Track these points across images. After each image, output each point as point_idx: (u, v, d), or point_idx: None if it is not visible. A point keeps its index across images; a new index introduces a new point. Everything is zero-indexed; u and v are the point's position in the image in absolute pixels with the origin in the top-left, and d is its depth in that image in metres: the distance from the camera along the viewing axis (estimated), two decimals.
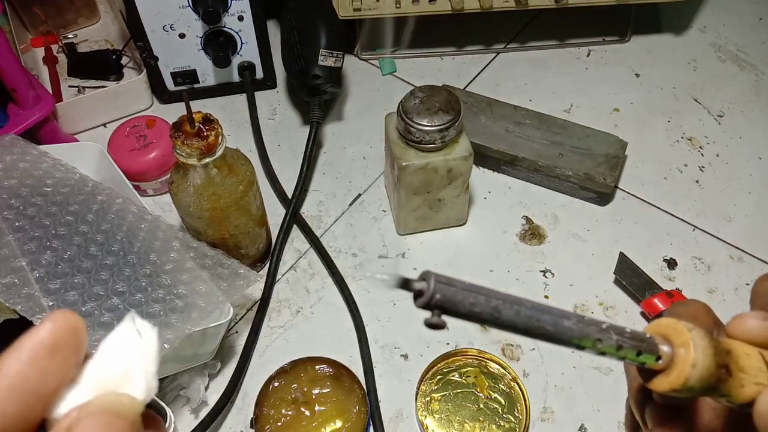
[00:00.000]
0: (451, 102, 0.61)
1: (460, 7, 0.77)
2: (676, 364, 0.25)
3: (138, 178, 0.70)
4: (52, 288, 0.50)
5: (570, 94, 0.82)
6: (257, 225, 0.63)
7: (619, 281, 0.66)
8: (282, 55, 0.76)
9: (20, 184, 0.58)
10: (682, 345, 0.25)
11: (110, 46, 0.84)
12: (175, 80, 0.79)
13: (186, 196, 0.57)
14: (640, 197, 0.73)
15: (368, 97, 0.82)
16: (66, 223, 0.56)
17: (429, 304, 0.22)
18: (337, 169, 0.76)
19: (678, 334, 0.25)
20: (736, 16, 0.90)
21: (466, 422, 0.57)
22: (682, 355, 0.25)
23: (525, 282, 0.67)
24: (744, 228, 0.70)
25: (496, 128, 0.73)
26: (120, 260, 0.54)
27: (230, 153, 0.58)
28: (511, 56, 0.86)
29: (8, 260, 0.51)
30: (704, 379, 0.25)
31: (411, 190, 0.64)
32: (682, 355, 0.25)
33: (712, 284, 0.66)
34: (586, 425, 0.58)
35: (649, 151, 0.77)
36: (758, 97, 0.82)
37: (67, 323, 0.21)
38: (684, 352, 0.25)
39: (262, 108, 0.80)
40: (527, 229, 0.70)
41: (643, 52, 0.87)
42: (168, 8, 0.71)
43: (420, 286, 0.22)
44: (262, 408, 0.56)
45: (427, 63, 0.86)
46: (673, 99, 0.82)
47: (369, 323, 0.64)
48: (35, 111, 0.69)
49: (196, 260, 0.57)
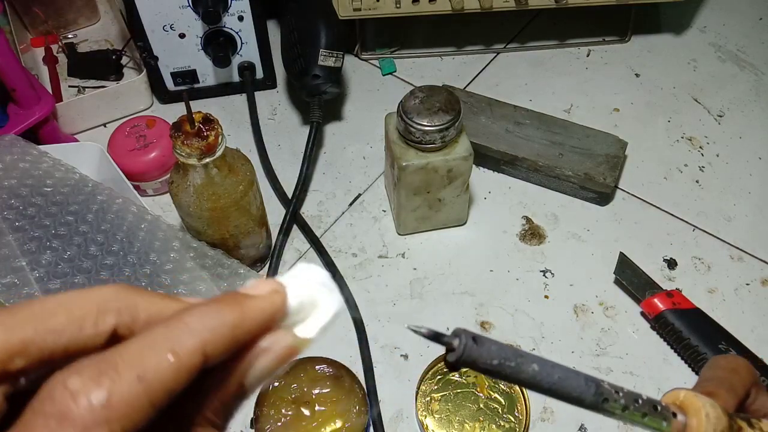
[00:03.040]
0: (451, 102, 0.61)
1: (460, 7, 0.77)
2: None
3: (138, 178, 0.70)
4: (52, 288, 0.50)
5: (570, 94, 0.82)
6: (257, 225, 0.63)
7: (619, 281, 0.66)
8: (282, 55, 0.76)
9: (20, 184, 0.58)
10: (695, 415, 0.27)
11: (110, 46, 0.84)
12: (175, 80, 0.79)
13: (186, 196, 0.57)
14: (640, 197, 0.73)
15: (368, 97, 0.82)
16: (66, 223, 0.56)
17: (458, 362, 0.24)
18: (337, 169, 0.76)
19: (693, 407, 0.28)
20: (736, 16, 0.90)
21: (466, 422, 0.57)
22: (694, 426, 0.27)
23: (525, 282, 0.67)
24: (744, 228, 0.70)
25: (496, 128, 0.73)
26: (120, 260, 0.54)
27: (230, 153, 0.58)
28: (511, 56, 0.86)
29: (8, 260, 0.51)
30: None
31: (411, 190, 0.64)
32: (694, 426, 0.27)
33: (712, 284, 0.66)
34: (586, 425, 0.58)
35: (649, 151, 0.77)
36: (758, 97, 0.82)
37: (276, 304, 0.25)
38: (696, 423, 0.27)
39: (262, 108, 0.80)
40: (527, 229, 0.70)
41: (643, 52, 0.87)
42: (168, 8, 0.71)
43: (451, 342, 0.24)
44: (261, 408, 0.56)
45: (427, 63, 0.86)
46: (673, 99, 0.82)
47: (369, 323, 0.64)
48: (35, 111, 0.69)
49: (196, 260, 0.57)
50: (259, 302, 0.24)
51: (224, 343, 0.22)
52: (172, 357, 0.21)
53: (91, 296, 0.22)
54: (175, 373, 0.21)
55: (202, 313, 0.22)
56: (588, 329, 0.64)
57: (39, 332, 0.21)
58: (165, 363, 0.21)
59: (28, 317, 0.21)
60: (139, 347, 0.21)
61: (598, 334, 0.63)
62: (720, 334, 0.61)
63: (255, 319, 0.23)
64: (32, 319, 0.21)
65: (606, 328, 0.64)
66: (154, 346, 0.21)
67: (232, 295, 0.24)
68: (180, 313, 0.22)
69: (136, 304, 0.23)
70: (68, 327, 0.21)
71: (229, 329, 0.22)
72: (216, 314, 0.22)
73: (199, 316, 0.22)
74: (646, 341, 0.63)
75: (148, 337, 0.21)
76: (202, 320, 0.22)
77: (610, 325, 0.64)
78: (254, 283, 0.25)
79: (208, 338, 0.22)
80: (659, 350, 0.63)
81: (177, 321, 0.22)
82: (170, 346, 0.21)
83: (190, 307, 0.23)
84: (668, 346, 0.63)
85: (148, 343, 0.21)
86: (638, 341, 0.63)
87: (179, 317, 0.22)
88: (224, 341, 0.22)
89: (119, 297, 0.23)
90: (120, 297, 0.23)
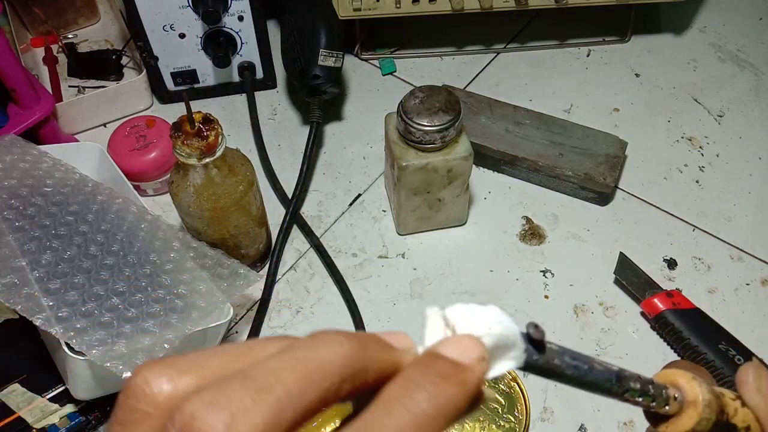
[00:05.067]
0: (451, 102, 0.61)
1: (460, 7, 0.77)
2: (686, 411, 0.28)
3: (138, 178, 0.70)
4: (52, 288, 0.50)
5: (570, 94, 0.82)
6: (257, 225, 0.63)
7: (619, 281, 0.66)
8: (282, 55, 0.76)
9: (20, 184, 0.58)
10: (692, 394, 0.28)
11: (110, 46, 0.84)
12: (175, 80, 0.79)
13: (186, 196, 0.57)
14: (640, 197, 0.73)
15: (368, 97, 0.82)
16: (66, 223, 0.56)
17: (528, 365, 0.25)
18: (337, 169, 0.76)
19: (681, 376, 0.29)
20: (736, 16, 0.90)
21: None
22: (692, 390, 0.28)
23: (525, 282, 0.67)
24: (744, 228, 0.70)
25: (496, 128, 0.73)
26: (120, 260, 0.54)
27: (230, 153, 0.58)
28: (511, 56, 0.86)
29: (8, 260, 0.51)
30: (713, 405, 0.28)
31: (411, 190, 0.64)
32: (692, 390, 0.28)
33: (712, 284, 0.66)
34: (586, 425, 0.58)
35: (649, 151, 0.77)
36: (758, 97, 0.82)
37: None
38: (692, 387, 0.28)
39: (262, 108, 0.80)
40: (527, 229, 0.70)
41: (643, 52, 0.87)
42: (168, 8, 0.71)
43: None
44: None
45: (427, 63, 0.86)
46: (673, 99, 0.82)
47: (369, 323, 0.64)
48: (35, 111, 0.69)
49: (196, 260, 0.57)
50: (477, 377, 0.22)
51: (448, 426, 0.21)
52: None
53: (332, 360, 0.21)
54: None
55: (431, 395, 0.20)
56: (588, 329, 0.64)
57: (281, 418, 0.19)
58: None
59: (269, 400, 0.19)
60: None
61: (598, 334, 0.63)
62: (720, 334, 0.61)
63: (474, 397, 0.22)
64: (275, 402, 0.19)
65: (606, 328, 0.64)
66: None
67: (450, 366, 0.21)
68: (409, 391, 0.20)
69: (368, 366, 0.21)
70: (311, 407, 0.20)
71: (456, 412, 0.21)
72: (446, 395, 0.21)
73: (430, 399, 0.20)
74: (646, 341, 0.63)
75: (379, 425, 0.20)
76: (436, 404, 0.20)
77: (610, 325, 0.64)
78: (450, 339, 0.23)
79: (439, 426, 0.20)
80: (659, 350, 0.63)
81: (410, 402, 0.20)
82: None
83: (415, 383, 0.20)
84: (668, 346, 0.63)
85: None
86: (638, 341, 0.63)
87: (412, 397, 0.20)
88: (449, 425, 0.21)
89: (353, 359, 0.21)
90: (354, 359, 0.21)
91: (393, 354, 0.22)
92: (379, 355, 0.22)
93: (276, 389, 0.19)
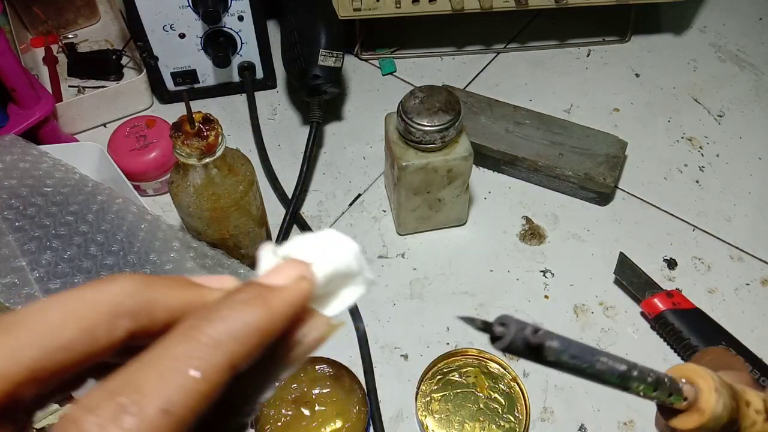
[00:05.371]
0: (451, 102, 0.61)
1: (460, 7, 0.77)
2: (699, 406, 0.28)
3: (138, 178, 0.70)
4: (52, 288, 0.50)
5: (570, 94, 0.82)
6: (257, 225, 0.63)
7: (619, 281, 0.66)
8: (282, 55, 0.76)
9: (20, 184, 0.58)
10: (706, 389, 0.28)
11: (110, 46, 0.84)
12: (175, 80, 0.79)
13: (186, 196, 0.57)
14: (640, 197, 0.73)
15: (368, 97, 0.82)
16: (66, 223, 0.56)
17: (507, 348, 0.24)
18: (337, 169, 0.76)
19: (703, 380, 0.29)
20: (736, 16, 0.90)
21: (466, 422, 0.57)
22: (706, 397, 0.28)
23: (525, 282, 0.67)
24: (744, 228, 0.70)
25: (496, 128, 0.73)
26: (120, 260, 0.54)
27: (230, 153, 0.58)
28: (511, 56, 0.86)
29: (8, 260, 0.51)
30: (722, 419, 0.28)
31: (411, 190, 0.64)
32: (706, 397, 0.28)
33: (712, 284, 0.66)
34: (586, 425, 0.58)
35: (649, 151, 0.77)
36: (758, 97, 0.82)
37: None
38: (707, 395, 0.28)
39: (262, 108, 0.80)
40: (527, 229, 0.71)
41: (643, 52, 0.87)
42: (168, 8, 0.71)
43: (500, 331, 0.24)
44: (262, 408, 0.56)
45: (427, 63, 0.86)
46: (673, 99, 0.82)
47: (369, 323, 0.64)
48: (35, 111, 0.69)
49: (196, 260, 0.57)
50: (287, 296, 0.21)
51: (253, 350, 0.20)
52: (198, 379, 0.19)
53: (102, 298, 0.20)
54: (203, 395, 0.19)
55: (224, 319, 0.20)
56: (588, 329, 0.64)
57: (47, 352, 0.19)
58: (191, 387, 0.19)
59: (32, 336, 0.19)
60: (160, 370, 0.19)
61: (598, 334, 0.63)
62: (720, 334, 0.61)
63: (284, 317, 0.21)
64: (37, 337, 0.19)
65: (606, 328, 0.64)
66: (177, 368, 0.19)
67: (255, 289, 0.21)
68: (200, 321, 0.20)
69: (152, 302, 0.21)
70: (79, 340, 0.19)
71: (257, 335, 0.20)
72: (241, 319, 0.20)
73: (223, 324, 0.20)
74: (646, 341, 0.63)
75: (168, 356, 0.19)
76: (227, 329, 0.20)
77: (610, 325, 0.64)
78: (275, 266, 0.22)
79: (235, 350, 0.20)
80: (659, 350, 0.63)
81: (198, 333, 0.19)
82: (195, 364, 0.19)
83: (210, 311, 0.20)
84: (668, 346, 0.63)
85: (170, 364, 0.19)
86: (638, 341, 0.63)
87: (200, 328, 0.20)
88: (253, 349, 0.20)
89: (133, 295, 0.21)
90: (134, 295, 0.21)
91: (194, 292, 0.22)
92: (169, 292, 0.21)
93: (37, 326, 0.19)
